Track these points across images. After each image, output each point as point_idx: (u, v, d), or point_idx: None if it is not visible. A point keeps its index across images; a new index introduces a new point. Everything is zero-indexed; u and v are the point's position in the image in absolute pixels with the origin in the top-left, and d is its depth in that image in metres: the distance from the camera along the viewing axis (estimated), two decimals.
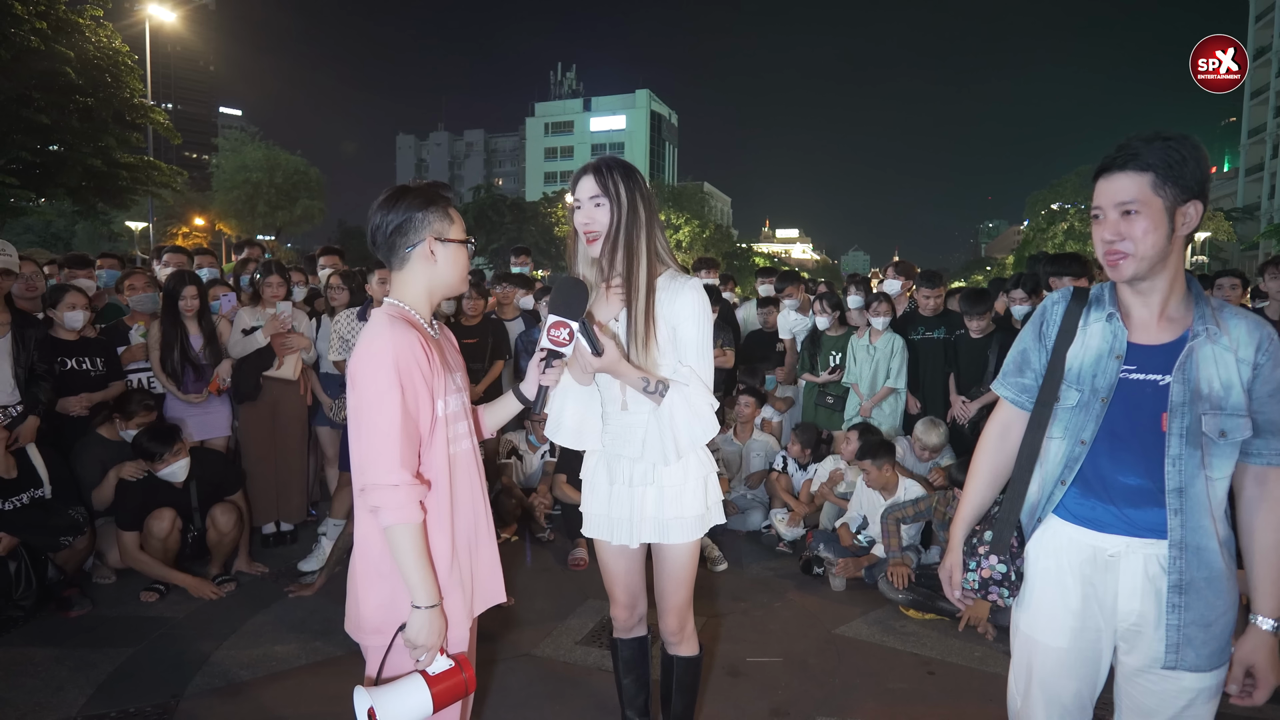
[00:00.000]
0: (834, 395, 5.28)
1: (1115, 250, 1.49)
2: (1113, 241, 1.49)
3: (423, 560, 1.58)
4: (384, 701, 1.49)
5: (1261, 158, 43.88)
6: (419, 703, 1.52)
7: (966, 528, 1.77)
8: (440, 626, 1.60)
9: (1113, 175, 1.49)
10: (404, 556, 1.57)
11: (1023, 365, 1.73)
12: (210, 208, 38.20)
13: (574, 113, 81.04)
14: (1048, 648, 1.64)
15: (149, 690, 2.86)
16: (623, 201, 1.87)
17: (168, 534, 3.68)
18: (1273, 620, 1.50)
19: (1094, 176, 1.55)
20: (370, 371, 1.58)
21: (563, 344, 1.78)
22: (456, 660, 1.61)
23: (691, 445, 1.93)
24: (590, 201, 1.89)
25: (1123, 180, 1.48)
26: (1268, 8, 43.90)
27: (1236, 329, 1.51)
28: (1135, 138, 1.49)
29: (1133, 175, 1.47)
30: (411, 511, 1.56)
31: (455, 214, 1.76)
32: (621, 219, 1.87)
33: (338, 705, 2.71)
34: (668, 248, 1.97)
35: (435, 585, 1.60)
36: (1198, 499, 1.49)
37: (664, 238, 1.95)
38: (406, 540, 1.56)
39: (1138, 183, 1.46)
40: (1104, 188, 1.51)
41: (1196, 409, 1.48)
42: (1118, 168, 1.49)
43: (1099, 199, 1.52)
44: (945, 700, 2.90)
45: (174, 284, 4.20)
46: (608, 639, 2.32)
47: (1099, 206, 1.51)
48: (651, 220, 1.91)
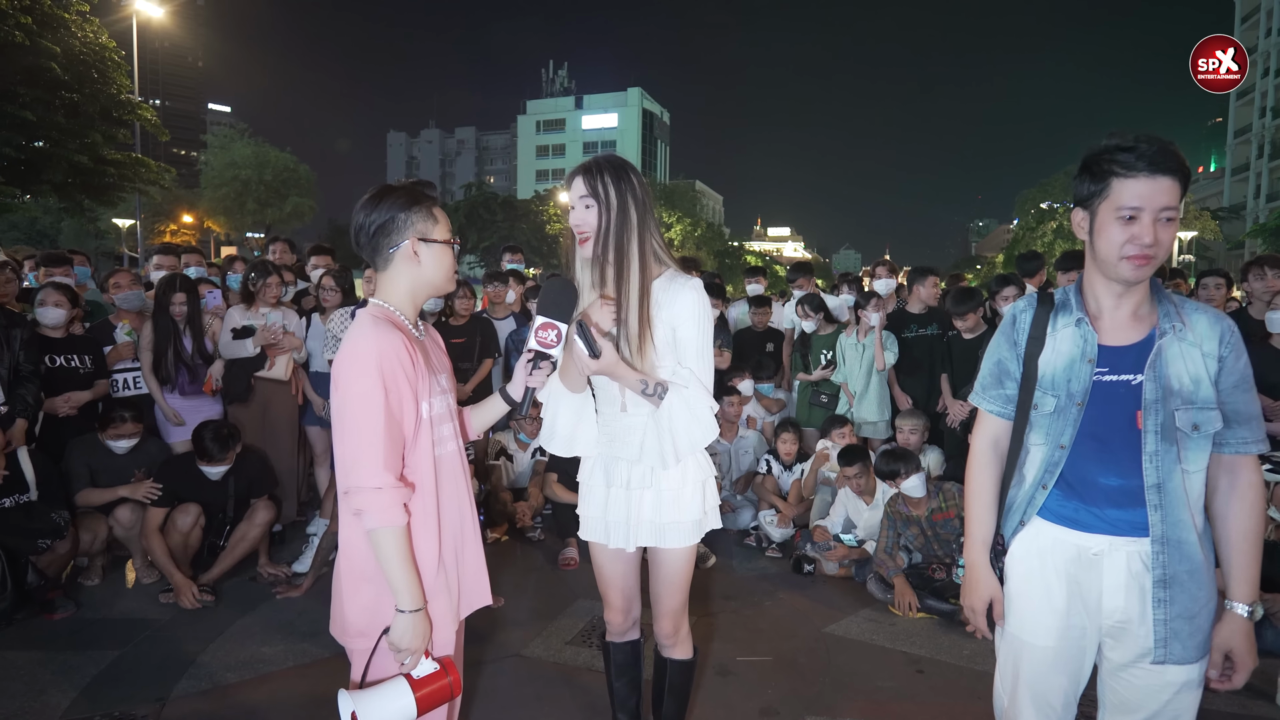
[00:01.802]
0: (828, 394, 5.29)
1: (1147, 254, 1.46)
2: (1151, 246, 1.45)
3: (407, 563, 1.57)
4: (366, 705, 1.48)
5: (1247, 158, 44.33)
6: (402, 707, 1.50)
7: (986, 550, 1.72)
8: (425, 630, 1.58)
9: (1156, 177, 1.44)
10: (388, 560, 1.55)
11: (1001, 376, 1.72)
12: (198, 205, 37.92)
13: (566, 110, 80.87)
14: (1034, 647, 1.64)
15: (134, 693, 2.84)
16: (611, 203, 1.84)
17: (190, 529, 3.73)
18: (1248, 606, 1.53)
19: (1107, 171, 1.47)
20: (354, 373, 1.56)
21: (551, 345, 1.77)
22: (442, 663, 1.60)
23: (690, 448, 1.91)
24: (580, 202, 1.87)
25: (1166, 184, 1.44)
26: (1253, 9, 44.30)
27: (1199, 324, 1.53)
28: (1157, 139, 1.44)
29: (1172, 181, 1.44)
30: (395, 515, 1.55)
31: (440, 214, 1.74)
32: (610, 220, 1.85)
33: (324, 708, 2.70)
34: (665, 247, 1.94)
35: (419, 588, 1.59)
36: (1176, 493, 1.51)
37: (660, 237, 1.93)
38: (390, 543, 1.55)
39: (1175, 190, 1.44)
40: (1144, 188, 1.44)
41: (1169, 405, 1.50)
42: (1161, 169, 1.44)
43: (1137, 199, 1.44)
44: (934, 698, 2.91)
45: (163, 290, 4.23)
46: (599, 641, 2.30)
47: (1137, 207, 1.45)
48: (644, 220, 1.88)
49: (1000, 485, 1.73)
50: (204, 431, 3.77)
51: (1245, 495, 1.54)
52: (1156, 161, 1.43)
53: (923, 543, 3.83)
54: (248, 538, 3.87)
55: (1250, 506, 1.54)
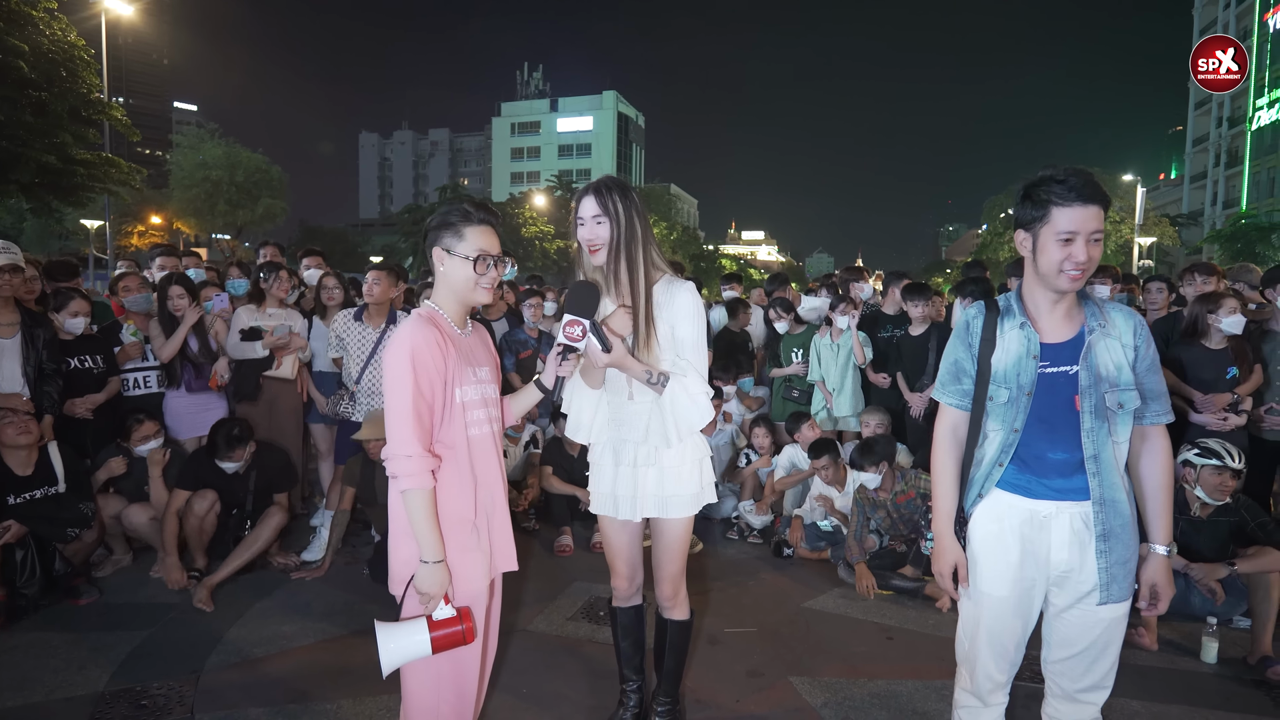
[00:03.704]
0: (800, 389, 5.63)
1: (1082, 268, 1.78)
2: (1085, 263, 1.77)
3: (431, 521, 1.86)
4: (388, 634, 1.80)
5: (1205, 166, 45.89)
6: (418, 642, 1.81)
7: (951, 522, 2.03)
8: (443, 579, 1.87)
9: (1087, 206, 1.74)
10: (415, 516, 1.86)
11: (958, 374, 2.04)
12: (167, 206, 37.38)
13: (541, 113, 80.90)
14: (993, 597, 1.97)
15: (169, 667, 3.05)
16: (621, 219, 2.15)
17: (205, 514, 3.91)
18: (1165, 546, 1.89)
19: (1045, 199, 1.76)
20: (393, 361, 1.89)
21: (577, 340, 2.06)
22: (460, 612, 1.88)
23: (690, 429, 2.23)
24: (593, 219, 2.17)
25: (1094, 211, 1.75)
26: (1210, 22, 45.87)
27: (1117, 320, 1.89)
28: (1084, 173, 1.76)
29: (1098, 208, 1.76)
30: (423, 479, 1.85)
31: (472, 231, 1.97)
32: (621, 235, 2.15)
33: (346, 677, 2.96)
34: (661, 255, 2.26)
35: (440, 543, 1.88)
36: (1109, 461, 1.85)
37: (657, 246, 2.24)
38: (417, 503, 1.85)
39: (1101, 215, 1.77)
40: (1078, 216, 1.74)
41: (1100, 389, 1.84)
42: (1090, 200, 1.74)
43: (1074, 225, 1.74)
44: (903, 661, 3.23)
45: (162, 286, 4.46)
46: (607, 607, 2.59)
47: (1074, 231, 1.75)
48: (646, 233, 2.20)
49: (960, 466, 2.05)
50: (218, 429, 4.01)
51: (1158, 457, 1.91)
52: (1085, 193, 1.75)
53: (890, 524, 4.17)
54: (259, 540, 3.98)
55: (1163, 466, 1.91)
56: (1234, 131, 42.15)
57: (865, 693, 2.96)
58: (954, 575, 2.01)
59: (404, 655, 1.81)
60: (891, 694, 2.95)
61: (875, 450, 4.10)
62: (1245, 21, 41.50)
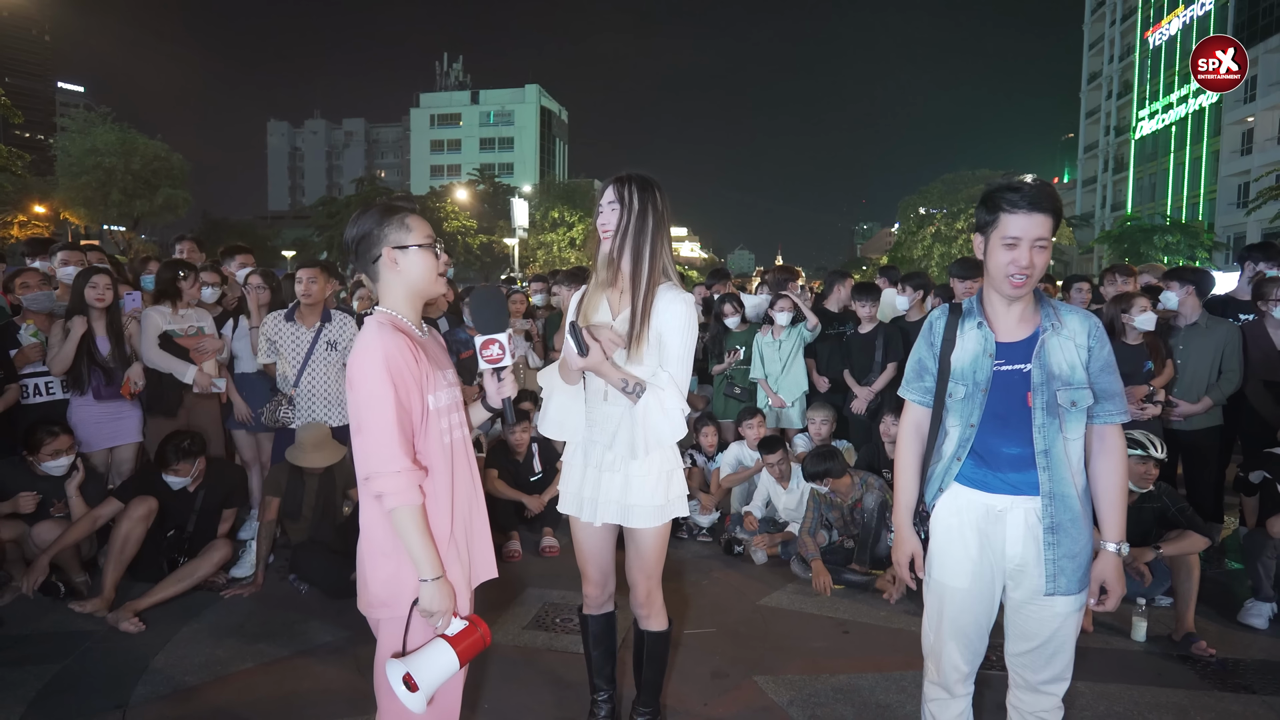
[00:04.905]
0: (742, 387, 5.67)
1: (1025, 273, 1.84)
2: (1027, 268, 1.83)
3: (425, 537, 1.75)
4: (418, 666, 1.66)
5: (1095, 171, 49.30)
6: (447, 662, 1.70)
7: (910, 514, 2.10)
8: (449, 593, 1.77)
9: (1033, 214, 1.81)
10: (408, 535, 1.73)
11: (921, 372, 2.10)
12: (53, 195, 34.63)
13: (461, 105, 79.08)
14: (954, 589, 2.02)
15: (90, 703, 2.79)
16: (633, 206, 2.09)
17: (138, 522, 3.59)
18: (1117, 544, 1.96)
19: (997, 205, 1.84)
20: (366, 375, 1.74)
21: (498, 360, 1.95)
22: (470, 620, 1.79)
23: (658, 443, 2.15)
24: (608, 206, 2.12)
25: (1041, 219, 1.82)
26: (1098, 38, 49.20)
27: (1072, 322, 1.96)
28: (1040, 184, 1.83)
29: (1046, 217, 1.82)
30: (413, 495, 1.73)
31: (415, 221, 1.88)
32: (630, 220, 2.09)
33: (292, 703, 2.78)
34: (673, 265, 2.19)
35: (438, 558, 1.77)
36: (1059, 457, 1.91)
37: (670, 255, 2.17)
38: (409, 520, 1.73)
39: (1049, 223, 1.83)
40: (1024, 223, 1.81)
41: (1052, 387, 1.91)
42: (1038, 208, 1.81)
43: (1018, 230, 1.81)
44: (861, 654, 3.29)
45: (84, 276, 4.06)
46: (578, 615, 2.52)
47: (1017, 237, 1.81)
48: (660, 229, 2.12)
49: (922, 461, 2.10)
50: (165, 441, 3.76)
51: (1111, 455, 1.97)
52: (1035, 200, 1.82)
53: (843, 524, 4.25)
54: (197, 574, 3.71)
55: (1115, 464, 1.97)
56: (1119, 140, 45.42)
57: (828, 688, 3.00)
58: (910, 565, 2.08)
59: (437, 680, 1.71)
60: (854, 688, 3.00)
61: (830, 468, 4.12)
62: (1129, 38, 44.78)
